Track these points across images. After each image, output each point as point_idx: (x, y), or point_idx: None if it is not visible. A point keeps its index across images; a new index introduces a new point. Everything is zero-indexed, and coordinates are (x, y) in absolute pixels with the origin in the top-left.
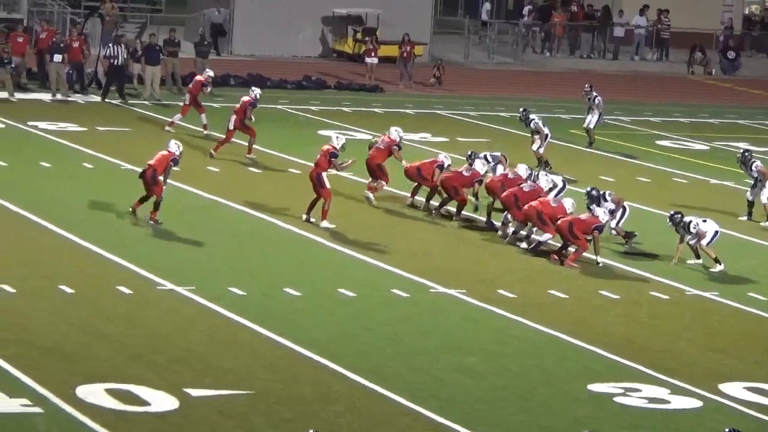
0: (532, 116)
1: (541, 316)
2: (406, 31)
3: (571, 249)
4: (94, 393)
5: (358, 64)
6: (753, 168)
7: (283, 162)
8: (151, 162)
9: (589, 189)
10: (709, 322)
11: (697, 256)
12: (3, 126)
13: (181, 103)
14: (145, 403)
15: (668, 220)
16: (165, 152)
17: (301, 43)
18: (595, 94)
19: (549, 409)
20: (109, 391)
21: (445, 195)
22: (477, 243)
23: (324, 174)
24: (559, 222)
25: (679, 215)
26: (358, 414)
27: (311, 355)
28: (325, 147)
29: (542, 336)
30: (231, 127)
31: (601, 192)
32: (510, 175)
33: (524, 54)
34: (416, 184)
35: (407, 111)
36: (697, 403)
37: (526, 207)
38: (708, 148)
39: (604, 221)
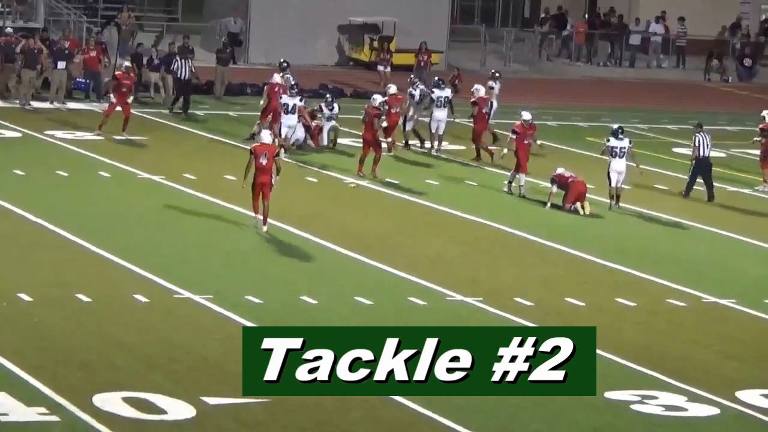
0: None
1: (557, 324)
2: (423, 39)
3: None
4: (111, 401)
5: (375, 72)
6: None
7: (299, 170)
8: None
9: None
10: (727, 329)
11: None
12: (20, 135)
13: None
14: (162, 411)
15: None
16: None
17: (317, 51)
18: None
19: (566, 417)
20: (126, 400)
21: None
22: (493, 250)
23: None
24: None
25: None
26: (376, 422)
27: None
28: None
29: None
30: None
31: None
32: None
33: (540, 62)
34: None
35: (424, 120)
36: (714, 411)
37: None
38: (725, 155)
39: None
